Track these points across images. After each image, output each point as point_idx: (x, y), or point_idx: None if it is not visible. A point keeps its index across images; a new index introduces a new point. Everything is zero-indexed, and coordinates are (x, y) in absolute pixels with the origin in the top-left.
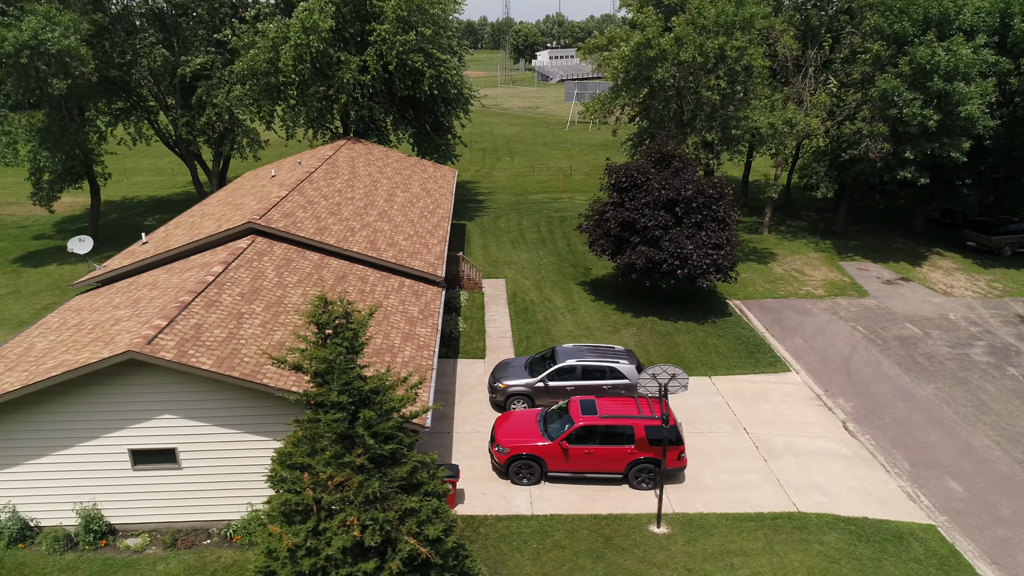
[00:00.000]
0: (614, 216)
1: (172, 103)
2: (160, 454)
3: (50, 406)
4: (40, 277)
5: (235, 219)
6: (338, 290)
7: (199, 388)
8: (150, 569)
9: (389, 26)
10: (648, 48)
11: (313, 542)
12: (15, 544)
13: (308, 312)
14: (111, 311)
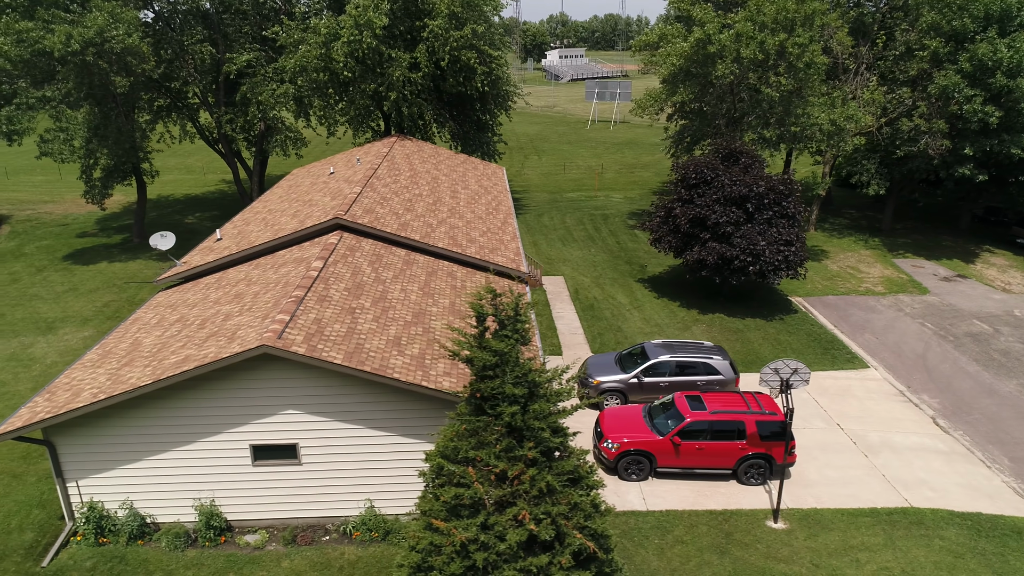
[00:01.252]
0: (683, 212)
1: (212, 100)
2: (281, 450)
3: (174, 401)
4: (94, 275)
5: (316, 215)
6: (432, 285)
7: (324, 383)
8: (275, 565)
9: (442, 22)
10: (708, 44)
11: (486, 536)
12: (134, 541)
13: (474, 304)
14: (213, 307)
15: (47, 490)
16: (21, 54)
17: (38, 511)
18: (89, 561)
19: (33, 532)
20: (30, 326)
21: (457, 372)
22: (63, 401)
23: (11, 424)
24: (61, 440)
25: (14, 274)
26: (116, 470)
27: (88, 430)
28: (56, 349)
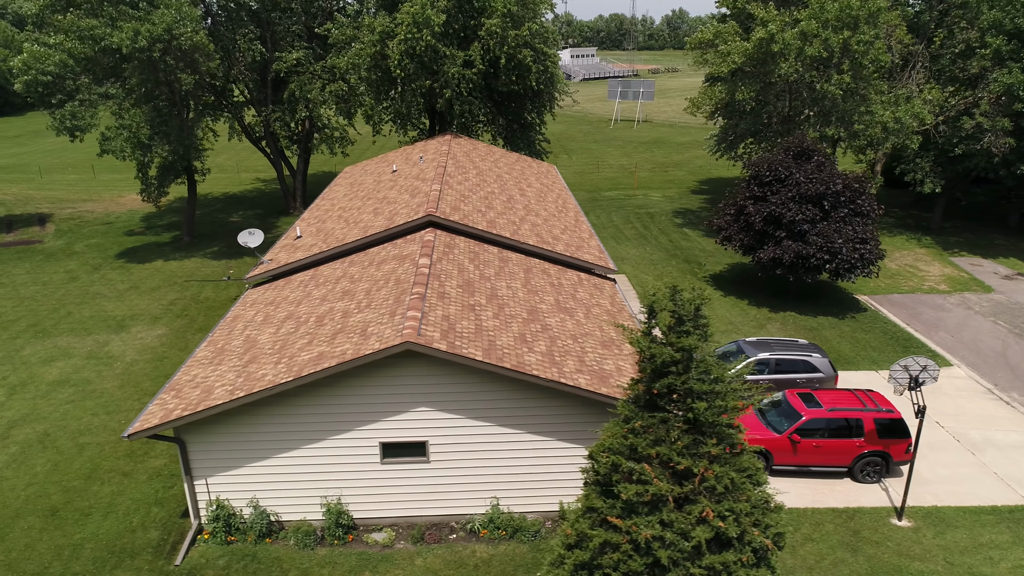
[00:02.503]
0: (757, 210)
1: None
2: (411, 447)
3: (307, 399)
4: (151, 273)
5: (404, 212)
6: (532, 283)
7: (458, 379)
8: (408, 563)
9: (499, 20)
10: (772, 43)
11: (672, 535)
12: (262, 539)
13: (657, 301)
14: (322, 304)
15: (160, 488)
16: (85, 51)
17: (157, 509)
18: (222, 559)
19: (157, 530)
20: (100, 324)
21: (588, 370)
22: (195, 399)
23: (146, 422)
24: (191, 438)
25: (71, 272)
26: (244, 468)
27: (218, 428)
28: (133, 347)
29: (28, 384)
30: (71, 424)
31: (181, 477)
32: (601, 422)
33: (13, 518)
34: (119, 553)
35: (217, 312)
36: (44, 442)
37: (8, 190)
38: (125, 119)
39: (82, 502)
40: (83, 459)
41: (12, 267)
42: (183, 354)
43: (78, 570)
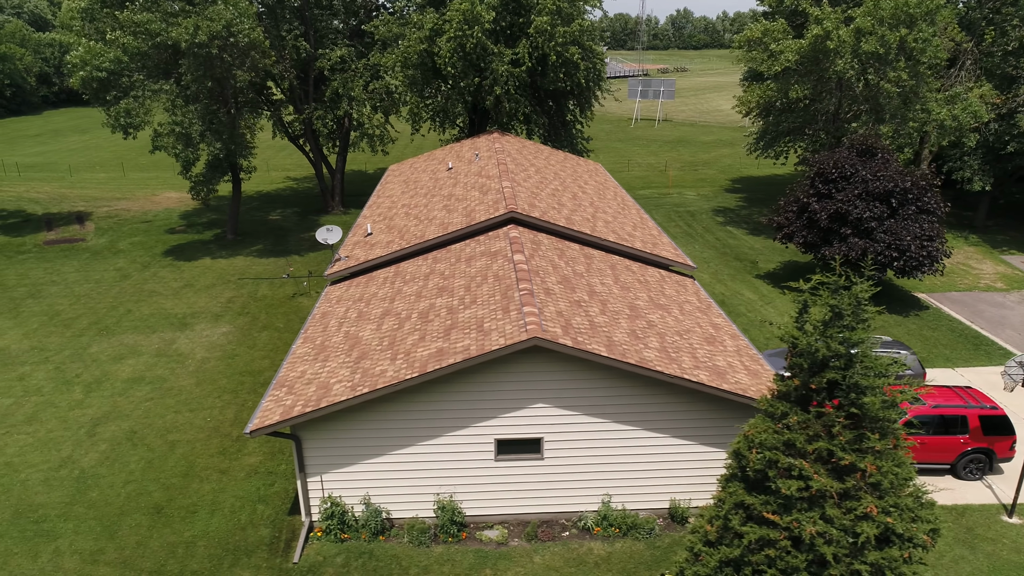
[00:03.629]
0: (823, 207)
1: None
2: (526, 444)
3: (425, 395)
4: (202, 271)
5: (481, 209)
6: (621, 279)
7: (577, 375)
8: (527, 561)
9: (548, 18)
10: (828, 40)
11: (837, 532)
12: (375, 537)
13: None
14: (418, 300)
15: (261, 485)
16: (140, 46)
17: (262, 506)
18: (339, 557)
19: (267, 528)
20: (163, 322)
21: (703, 366)
22: (312, 395)
23: (266, 419)
24: (307, 434)
25: (121, 270)
26: (357, 465)
27: (334, 424)
28: (200, 344)
29: (103, 382)
30: (156, 422)
31: (279, 474)
32: (718, 418)
33: (119, 516)
34: (234, 551)
35: (277, 309)
36: (132, 440)
37: (41, 188)
38: (177, 116)
39: (184, 500)
40: (176, 456)
41: (61, 265)
42: (252, 351)
43: (196, 568)
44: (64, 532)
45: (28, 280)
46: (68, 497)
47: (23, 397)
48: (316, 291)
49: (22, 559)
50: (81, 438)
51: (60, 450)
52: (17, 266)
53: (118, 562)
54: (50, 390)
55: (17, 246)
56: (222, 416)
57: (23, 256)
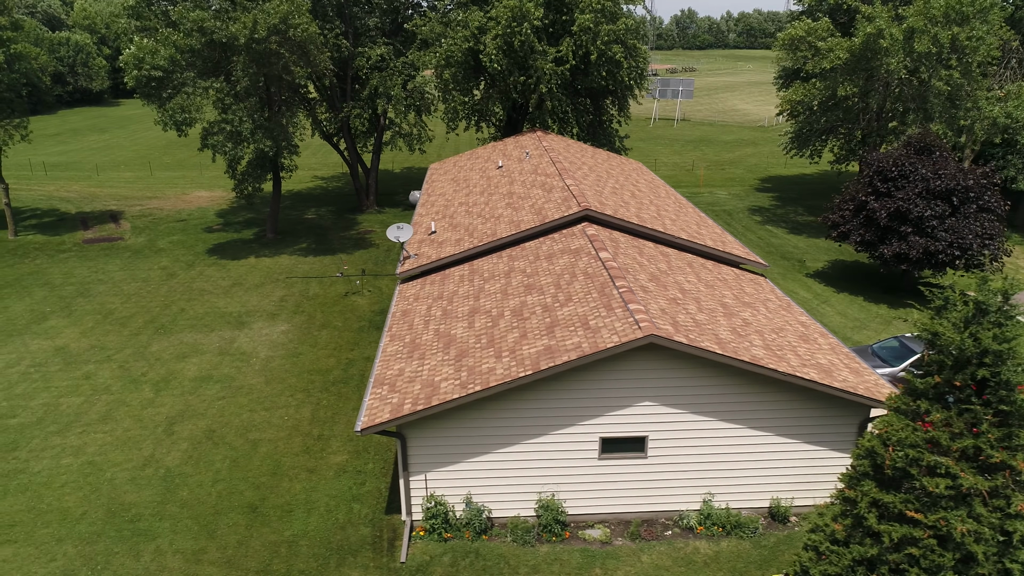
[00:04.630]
0: (882, 206)
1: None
2: (630, 442)
3: (533, 392)
4: (248, 270)
5: (550, 207)
6: (701, 276)
7: (687, 372)
8: (635, 560)
9: (592, 16)
10: (880, 38)
11: (987, 529)
12: (479, 536)
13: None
14: (505, 298)
15: (353, 484)
16: (193, 44)
17: (357, 505)
18: (446, 556)
19: (366, 527)
20: (218, 320)
21: (808, 364)
22: (417, 393)
23: (374, 418)
24: (413, 433)
25: (165, 268)
26: (460, 464)
27: (440, 422)
28: (261, 343)
29: (171, 380)
30: (232, 420)
31: (368, 473)
32: (823, 416)
33: (214, 515)
34: (338, 550)
35: (332, 308)
36: (212, 439)
37: (70, 187)
38: (228, 114)
39: (278, 499)
40: (260, 455)
41: (104, 263)
42: (315, 350)
43: (303, 567)
44: (161, 531)
45: (74, 279)
46: (159, 496)
47: (93, 395)
48: (368, 289)
49: (124, 558)
50: (160, 437)
51: (141, 449)
52: (60, 264)
53: (222, 561)
54: (119, 389)
55: (56, 245)
56: (299, 415)
57: (64, 255)
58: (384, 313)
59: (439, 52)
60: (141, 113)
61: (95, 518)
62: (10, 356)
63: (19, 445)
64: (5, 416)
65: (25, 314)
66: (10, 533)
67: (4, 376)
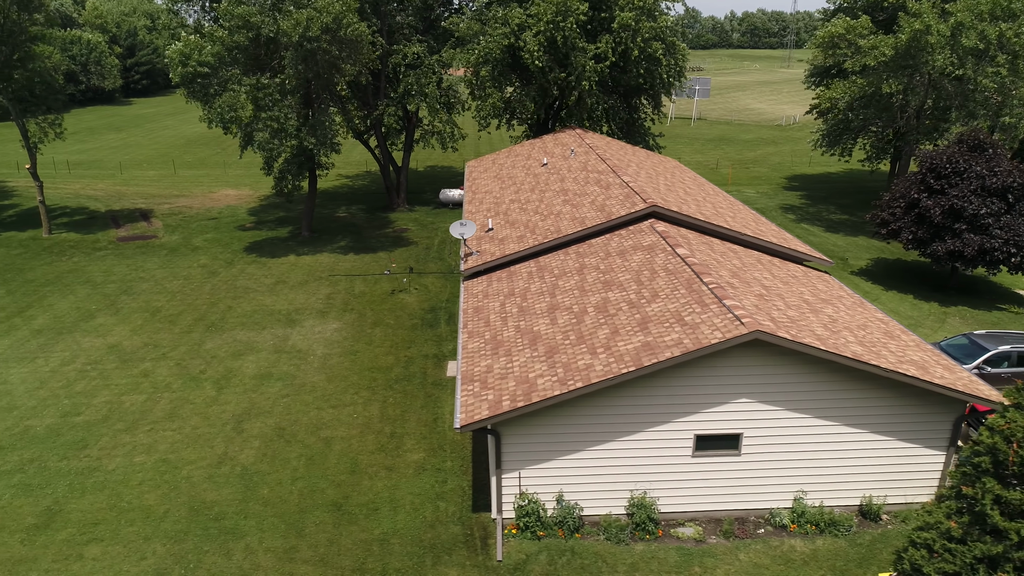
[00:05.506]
0: (936, 203)
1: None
2: (725, 439)
3: (631, 390)
4: (289, 268)
5: (613, 205)
6: (773, 273)
7: (786, 369)
8: (731, 558)
9: (633, 13)
10: (927, 35)
11: None
12: (572, 534)
13: None
14: (587, 294)
15: (435, 483)
16: (239, 40)
17: (443, 503)
18: (542, 555)
19: (455, 525)
20: (267, 318)
21: (904, 360)
22: (517, 391)
23: (473, 415)
24: (508, 430)
25: (205, 267)
26: (553, 461)
27: (535, 419)
28: (315, 341)
29: (231, 378)
30: (300, 418)
31: (447, 471)
32: (919, 413)
33: (299, 513)
34: (431, 549)
35: (381, 306)
36: (284, 436)
37: (96, 186)
38: (275, 110)
39: (361, 497)
40: (335, 453)
41: (142, 261)
42: (372, 348)
43: (399, 566)
44: (248, 530)
45: (115, 276)
46: (239, 494)
47: (155, 393)
48: (415, 287)
49: (215, 557)
50: (230, 435)
51: (212, 447)
52: (98, 262)
53: (315, 560)
54: (180, 386)
55: (92, 243)
56: (367, 412)
57: (101, 253)
58: (434, 311)
59: (476, 50)
60: (155, 112)
61: (178, 516)
62: (64, 354)
63: (89, 443)
64: (70, 414)
65: (72, 312)
66: (95, 531)
67: (62, 374)
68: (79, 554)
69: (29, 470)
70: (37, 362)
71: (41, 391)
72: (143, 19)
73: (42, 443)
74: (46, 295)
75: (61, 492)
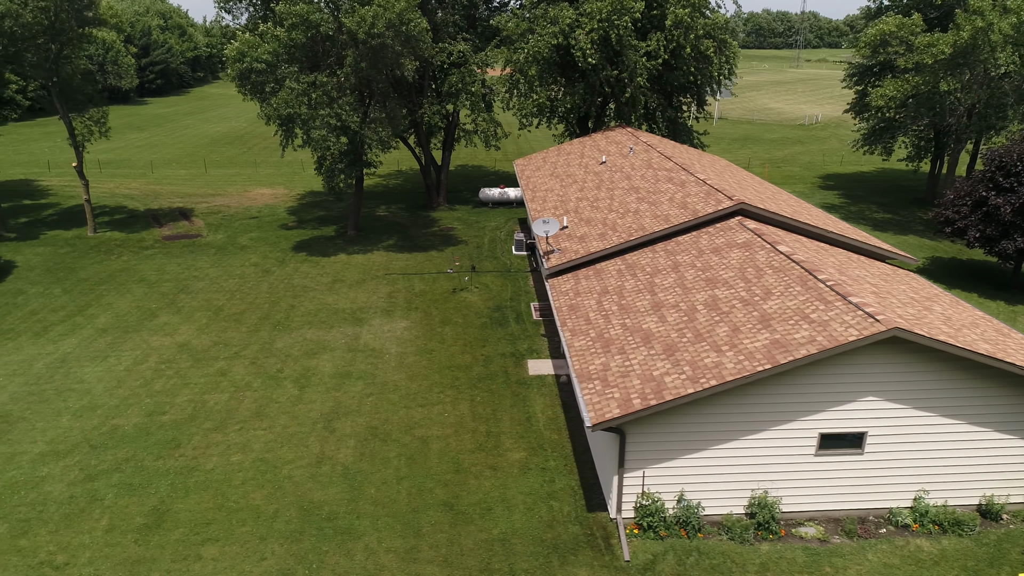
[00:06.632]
0: (1006, 201)
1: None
2: (848, 438)
3: (759, 388)
4: (343, 266)
5: (697, 202)
6: (872, 271)
7: (916, 367)
8: (861, 558)
9: (689, 10)
10: (989, 32)
11: None
12: (695, 534)
13: None
14: (691, 292)
15: (543, 482)
16: (297, 38)
17: (555, 503)
18: (669, 555)
19: (574, 525)
20: (333, 317)
21: None
22: (646, 390)
23: (603, 414)
24: (632, 429)
25: (257, 265)
26: (675, 460)
27: (659, 418)
28: (387, 339)
29: (310, 377)
30: (391, 417)
31: (552, 470)
32: None
33: (412, 513)
34: (554, 549)
35: (444, 305)
36: (378, 436)
37: (130, 184)
38: (333, 108)
39: (471, 497)
40: (434, 453)
41: (192, 260)
42: (445, 347)
43: (525, 567)
44: (364, 530)
45: (168, 275)
46: (346, 494)
47: (236, 392)
48: (475, 286)
49: (336, 557)
50: (322, 434)
51: (307, 446)
52: (147, 261)
53: (439, 560)
54: (260, 385)
55: (137, 242)
56: (457, 411)
57: (149, 252)
58: (500, 310)
59: (525, 48)
60: (173, 111)
61: (290, 516)
62: (135, 353)
63: (181, 442)
64: (155, 413)
65: (133, 311)
66: (208, 531)
67: (138, 373)
68: (197, 554)
69: (127, 469)
70: (109, 361)
71: (120, 390)
72: (156, 19)
73: (133, 442)
74: (103, 294)
75: (164, 491)
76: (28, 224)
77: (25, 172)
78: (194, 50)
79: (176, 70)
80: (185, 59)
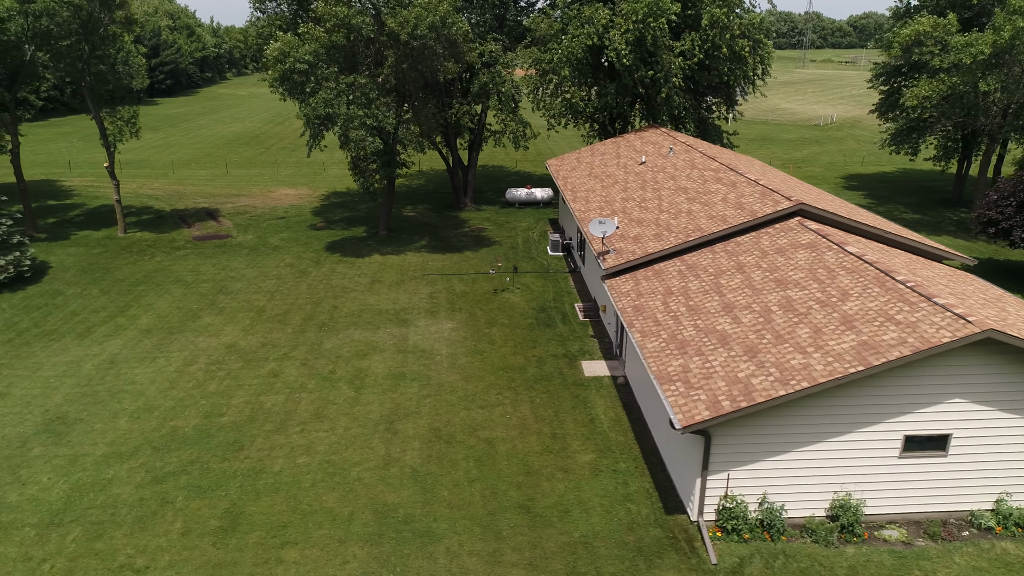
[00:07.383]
0: None
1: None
2: (932, 440)
3: (846, 390)
4: (380, 267)
5: (752, 203)
6: (933, 271)
7: (1002, 369)
8: (947, 561)
9: (726, 9)
10: None
11: None
12: (778, 537)
13: None
14: (762, 293)
15: (617, 484)
16: (337, 39)
17: (632, 505)
18: (755, 558)
19: (655, 528)
20: (377, 317)
21: None
22: (732, 390)
23: (691, 417)
24: (718, 431)
25: (293, 266)
26: (757, 463)
27: (745, 419)
28: (435, 340)
29: (364, 378)
30: (453, 419)
31: (623, 472)
32: None
33: (489, 515)
34: (639, 552)
35: (488, 305)
36: (441, 437)
37: (152, 185)
38: (372, 108)
39: (546, 499)
40: (502, 454)
41: (227, 260)
42: (495, 347)
43: (612, 570)
44: (443, 532)
45: (204, 276)
46: (419, 496)
47: (292, 394)
48: (516, 287)
49: (418, 560)
50: (385, 435)
51: (372, 448)
52: (181, 262)
53: (523, 564)
54: (315, 387)
55: (168, 242)
56: (517, 412)
57: (181, 252)
58: (545, 311)
59: (559, 49)
60: (186, 112)
61: (366, 519)
62: (183, 354)
63: (244, 444)
64: (212, 415)
65: (174, 311)
66: (285, 534)
67: (189, 374)
68: (278, 558)
69: (193, 472)
70: (159, 362)
71: (174, 391)
72: (165, 19)
73: (195, 444)
74: (141, 295)
75: (235, 494)
76: (57, 224)
77: (46, 172)
78: (202, 50)
79: (185, 70)
80: (194, 59)
